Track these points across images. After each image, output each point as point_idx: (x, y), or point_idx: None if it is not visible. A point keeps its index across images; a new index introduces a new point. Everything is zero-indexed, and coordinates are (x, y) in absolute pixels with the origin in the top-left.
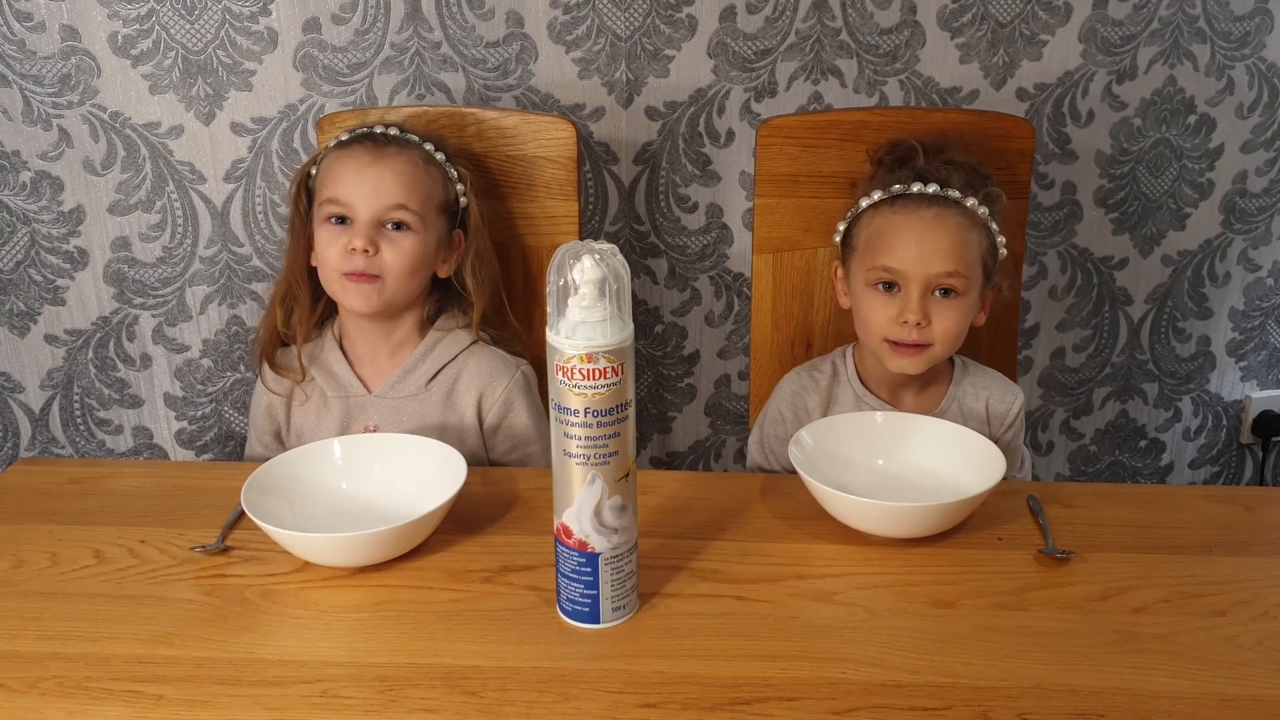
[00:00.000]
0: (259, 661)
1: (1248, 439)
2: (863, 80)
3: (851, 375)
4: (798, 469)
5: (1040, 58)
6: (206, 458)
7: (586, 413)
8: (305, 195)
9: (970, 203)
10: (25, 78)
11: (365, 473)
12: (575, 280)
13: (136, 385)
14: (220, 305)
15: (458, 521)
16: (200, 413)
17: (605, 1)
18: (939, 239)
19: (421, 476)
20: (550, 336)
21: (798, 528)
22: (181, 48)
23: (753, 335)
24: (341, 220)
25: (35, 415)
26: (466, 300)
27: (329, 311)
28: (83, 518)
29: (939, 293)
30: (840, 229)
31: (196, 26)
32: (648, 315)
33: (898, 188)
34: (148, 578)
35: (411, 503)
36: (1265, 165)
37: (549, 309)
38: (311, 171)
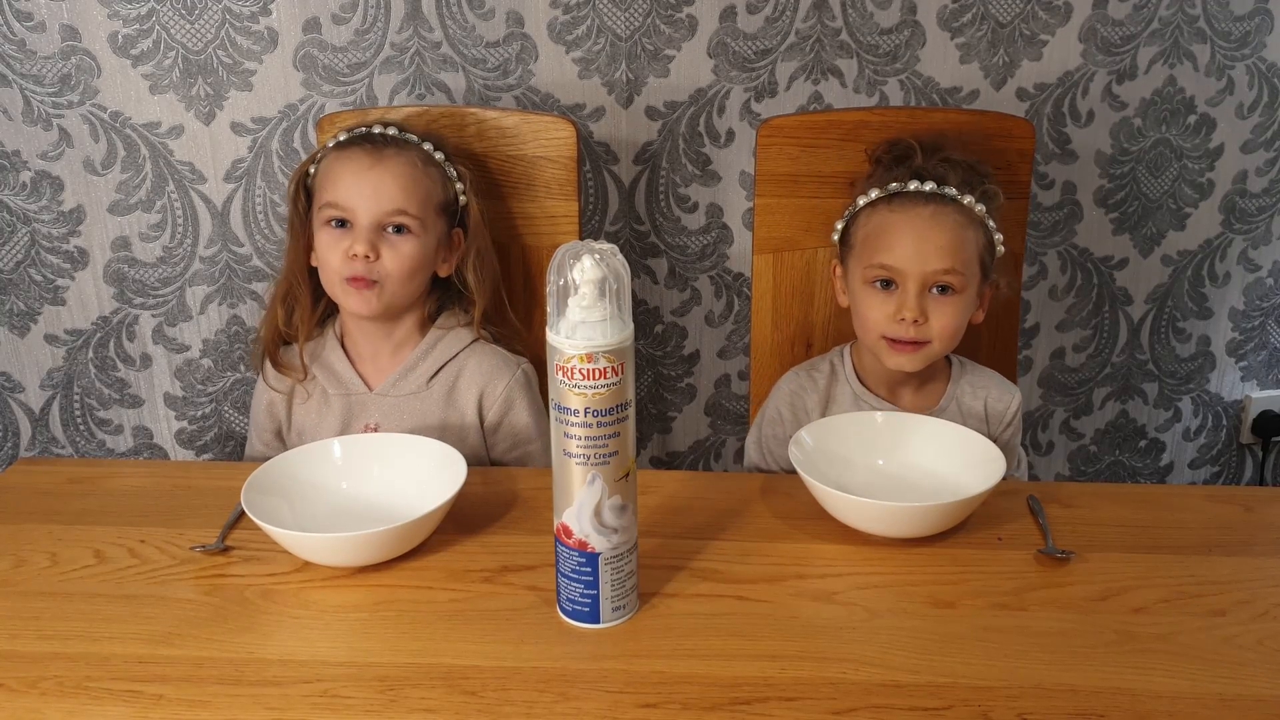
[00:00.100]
0: (259, 661)
1: (1248, 439)
2: (863, 80)
3: (850, 374)
4: (798, 469)
5: (1040, 58)
6: (206, 458)
7: (586, 413)
8: (304, 194)
9: (967, 200)
10: (25, 78)
11: (365, 473)
12: (575, 280)
13: (136, 385)
14: (220, 305)
15: (458, 521)
16: (200, 413)
17: (605, 1)
18: (936, 236)
19: (421, 476)
20: (550, 336)
21: (798, 528)
22: (182, 48)
23: (753, 335)
24: (341, 223)
25: (35, 415)
26: (467, 299)
27: (330, 310)
28: (83, 518)
29: (936, 290)
30: (838, 227)
31: (196, 26)
32: (648, 315)
33: (895, 186)
34: (148, 578)
35: (411, 503)
36: (1265, 165)
37: (549, 309)
38: (310, 170)
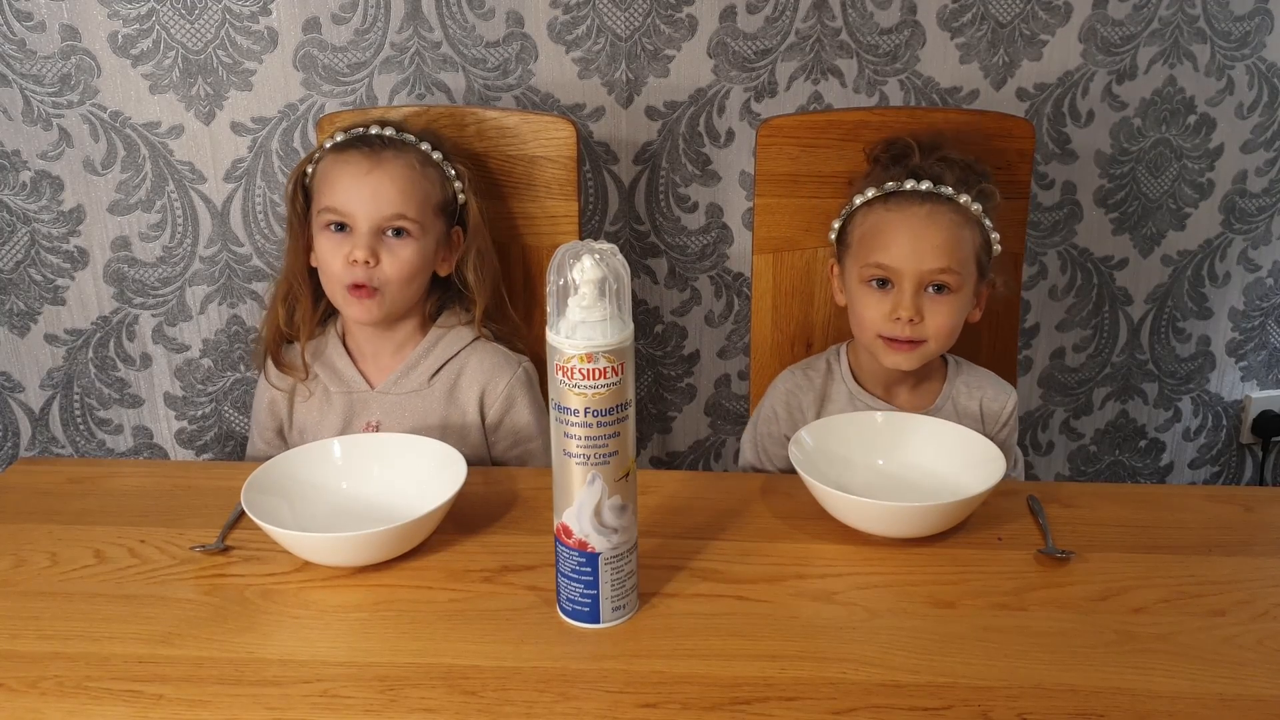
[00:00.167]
0: (259, 661)
1: (1248, 439)
2: (863, 80)
3: (846, 373)
4: (798, 469)
5: (1040, 58)
6: (206, 457)
7: (586, 412)
8: (302, 194)
9: (963, 199)
10: (25, 77)
11: (365, 473)
12: (575, 280)
13: (136, 385)
14: (220, 305)
15: (458, 521)
16: (200, 412)
17: (605, 1)
18: (931, 235)
19: (421, 476)
20: (550, 336)
21: (798, 528)
22: (181, 47)
23: (753, 335)
24: (341, 227)
25: (35, 415)
26: (468, 297)
27: (332, 309)
28: (83, 517)
29: (932, 289)
30: (835, 226)
31: (196, 26)
32: (648, 315)
33: (890, 185)
34: (148, 577)
35: (411, 503)
36: (1265, 165)
37: (549, 309)
38: (307, 170)
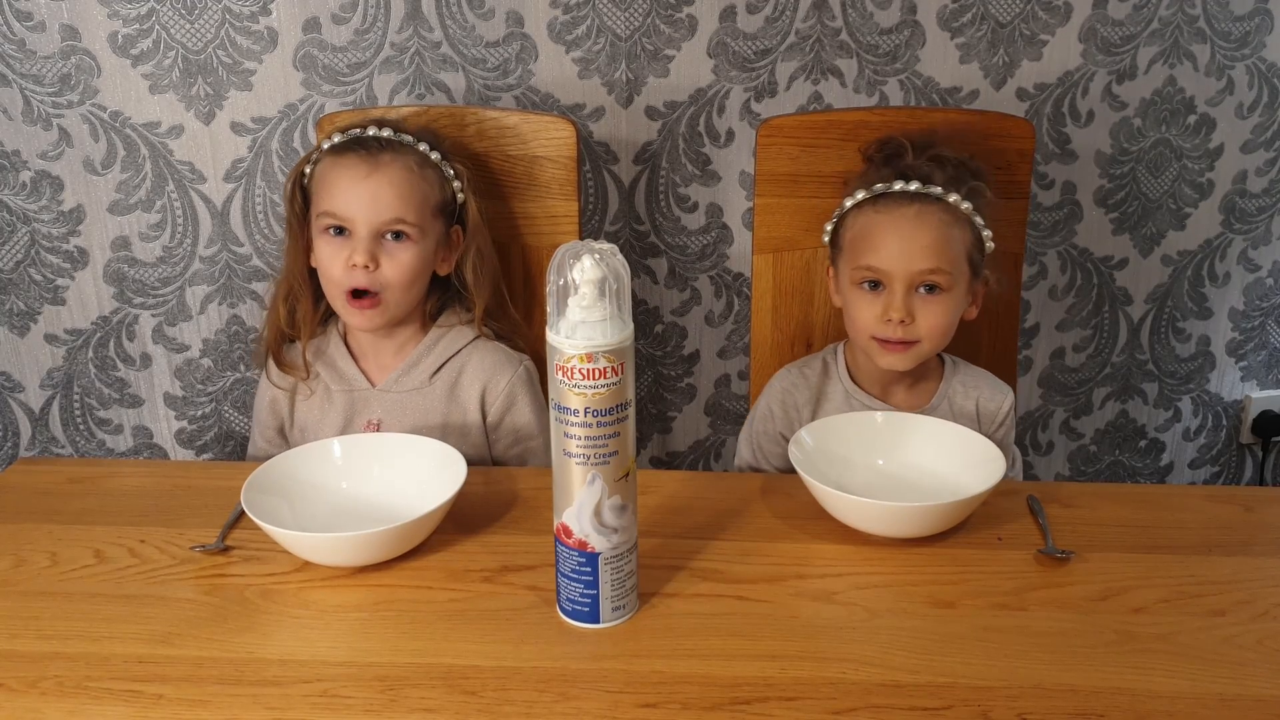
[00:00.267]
0: (259, 661)
1: (1248, 439)
2: (863, 80)
3: (842, 372)
4: (798, 469)
5: (1040, 58)
6: (206, 457)
7: (586, 412)
8: (300, 195)
9: (953, 198)
10: (25, 77)
11: (365, 473)
12: (575, 280)
13: (136, 385)
14: (220, 305)
15: (458, 521)
16: (200, 412)
17: (605, 1)
18: (921, 236)
19: (421, 476)
20: (550, 336)
21: (798, 528)
22: (181, 47)
23: (753, 335)
24: (340, 231)
25: (35, 415)
26: (468, 297)
27: (332, 308)
28: (83, 517)
29: (923, 289)
30: (828, 229)
31: (196, 26)
32: (648, 315)
33: (879, 186)
34: (148, 577)
35: (411, 503)
36: (1265, 165)
37: (549, 309)
38: (305, 170)
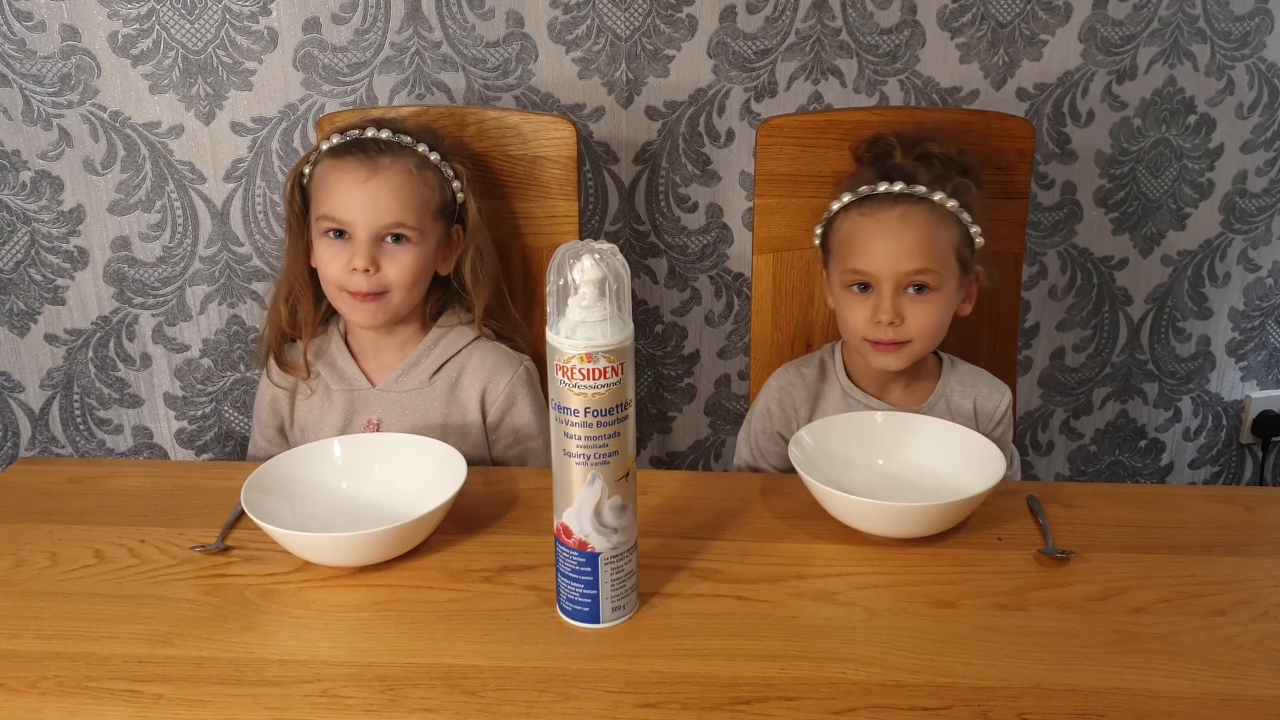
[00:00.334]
0: (259, 661)
1: (1248, 439)
2: (863, 80)
3: (840, 371)
4: (798, 469)
5: (1040, 58)
6: (206, 457)
7: (586, 412)
8: (300, 195)
9: (938, 197)
10: (25, 77)
11: (365, 473)
12: (575, 280)
13: (136, 385)
14: (220, 305)
15: (458, 521)
16: (200, 412)
17: (605, 1)
18: (906, 237)
19: (421, 476)
20: (550, 336)
21: (798, 528)
22: (181, 47)
23: (753, 335)
24: (340, 234)
25: (35, 415)
26: (468, 296)
27: (334, 308)
28: (83, 517)
29: (912, 290)
30: (817, 232)
31: (196, 26)
32: (648, 315)
33: (864, 189)
34: (148, 577)
35: (411, 503)
36: (1265, 165)
37: (549, 309)
38: (304, 171)
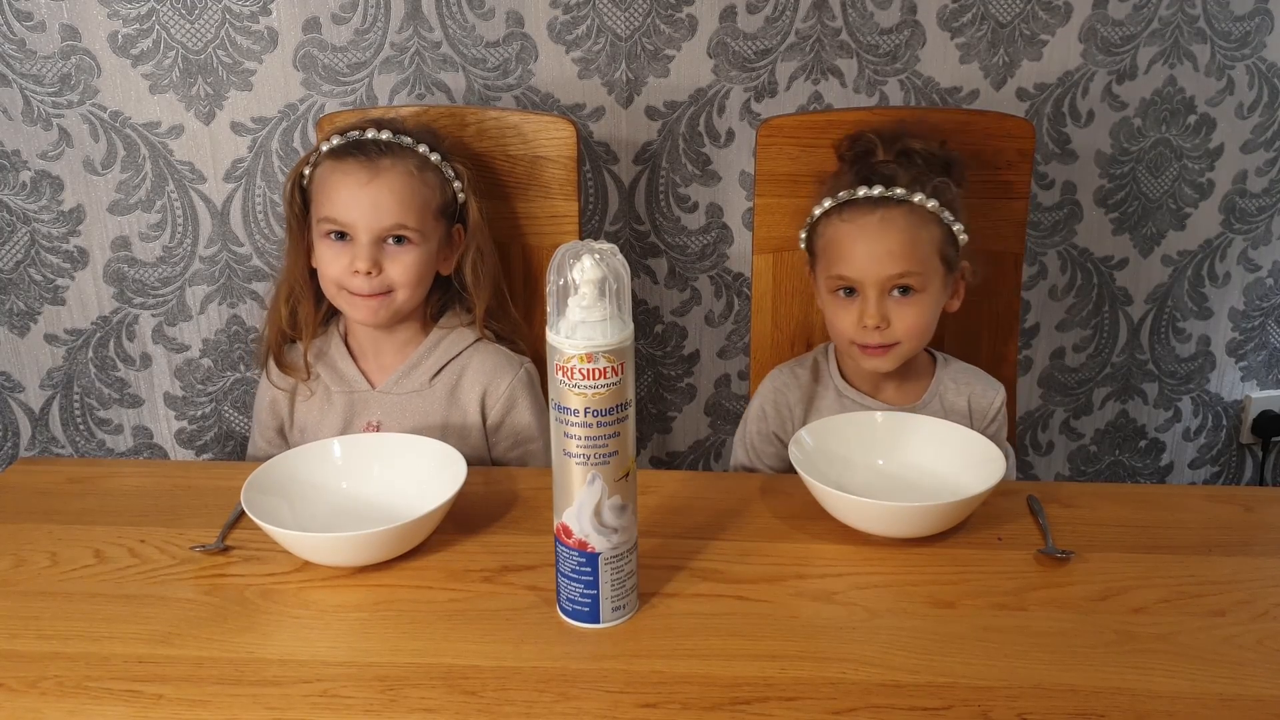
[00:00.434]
0: (259, 661)
1: (1248, 439)
2: (863, 80)
3: (833, 371)
4: (798, 469)
5: (1040, 58)
6: (206, 457)
7: (586, 412)
8: (300, 196)
9: (918, 198)
10: (25, 77)
11: (365, 473)
12: (575, 280)
13: (136, 385)
14: (220, 305)
15: (458, 521)
16: (200, 412)
17: (605, 1)
18: (887, 241)
19: (421, 476)
20: (550, 336)
21: (798, 528)
22: (181, 47)
23: (753, 335)
24: (341, 235)
25: (35, 415)
26: (469, 296)
27: (334, 309)
28: (83, 517)
29: (897, 292)
30: (802, 236)
31: (196, 26)
32: (648, 315)
33: (843, 194)
34: (148, 577)
35: (411, 503)
36: (1265, 165)
37: (549, 309)
38: (304, 172)
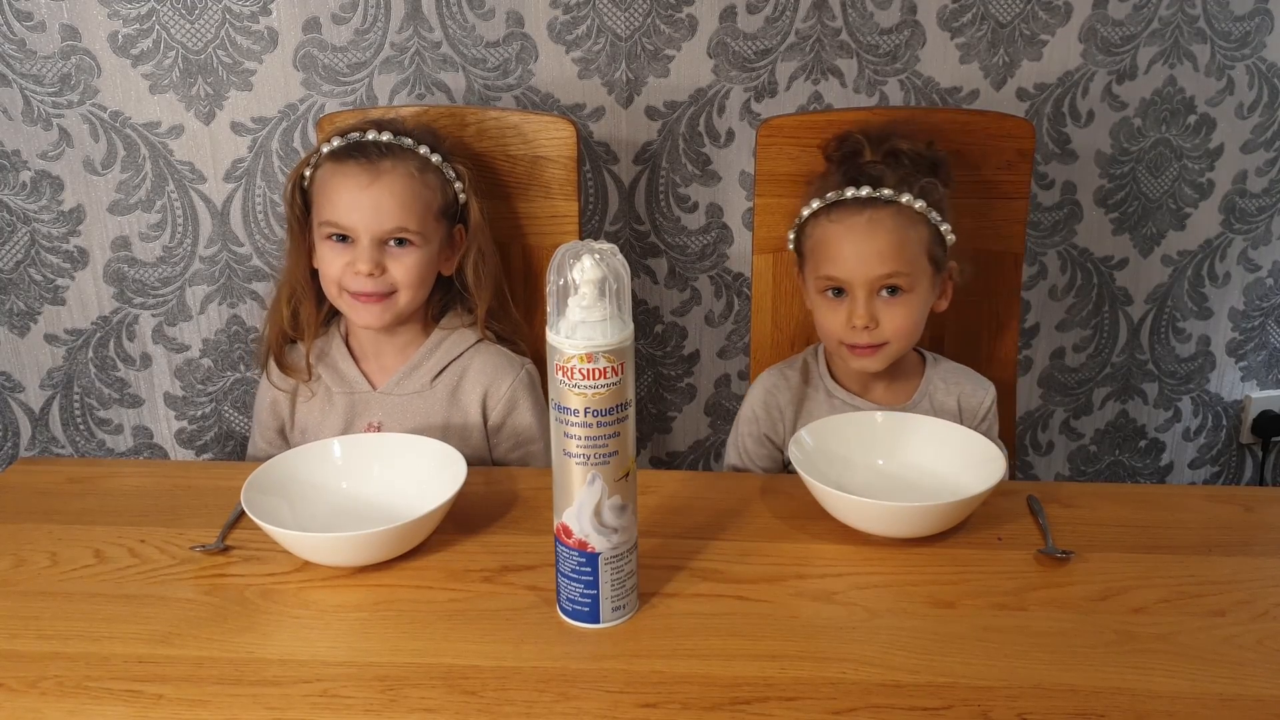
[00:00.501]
0: (259, 661)
1: (1248, 439)
2: (863, 80)
3: (823, 372)
4: (798, 469)
5: (1040, 58)
6: (206, 457)
7: (586, 412)
8: (301, 197)
9: (905, 199)
10: (25, 77)
11: (365, 473)
12: (575, 280)
13: (136, 385)
14: (220, 305)
15: (458, 521)
16: (200, 412)
17: (605, 1)
18: (875, 242)
19: (421, 476)
20: (550, 336)
21: (798, 528)
22: (181, 47)
23: (753, 335)
24: (343, 238)
25: (35, 415)
26: (470, 297)
27: (335, 309)
28: (83, 517)
29: (885, 292)
30: (790, 238)
31: (196, 26)
32: (648, 315)
33: (831, 195)
34: (148, 577)
35: (411, 503)
36: (1265, 165)
37: (549, 309)
38: (305, 174)
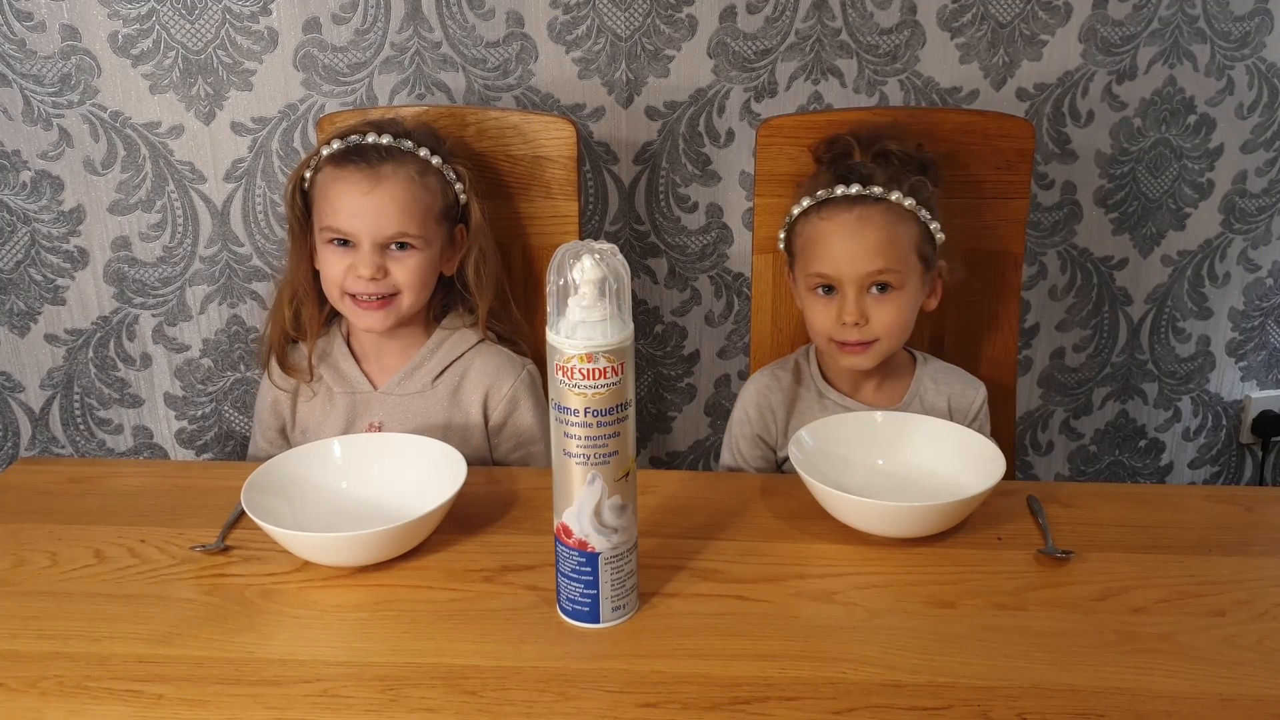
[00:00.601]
0: (259, 661)
1: (1247, 439)
2: (863, 80)
3: (814, 372)
4: (798, 469)
5: (1040, 58)
6: (206, 457)
7: (586, 412)
8: (301, 199)
9: (895, 196)
10: (25, 77)
11: (365, 472)
12: (575, 280)
13: (136, 385)
14: (220, 305)
15: (458, 521)
16: (200, 412)
17: (605, 1)
18: (865, 239)
19: (421, 476)
20: (550, 336)
21: (798, 528)
22: (182, 47)
23: (753, 335)
24: (344, 242)
25: (35, 415)
26: (471, 297)
27: (336, 310)
28: (83, 517)
29: (875, 289)
30: (781, 236)
31: (196, 26)
32: (648, 315)
33: (821, 193)
34: (148, 577)
35: (411, 503)
36: (1265, 165)
37: (549, 309)
38: (305, 175)
